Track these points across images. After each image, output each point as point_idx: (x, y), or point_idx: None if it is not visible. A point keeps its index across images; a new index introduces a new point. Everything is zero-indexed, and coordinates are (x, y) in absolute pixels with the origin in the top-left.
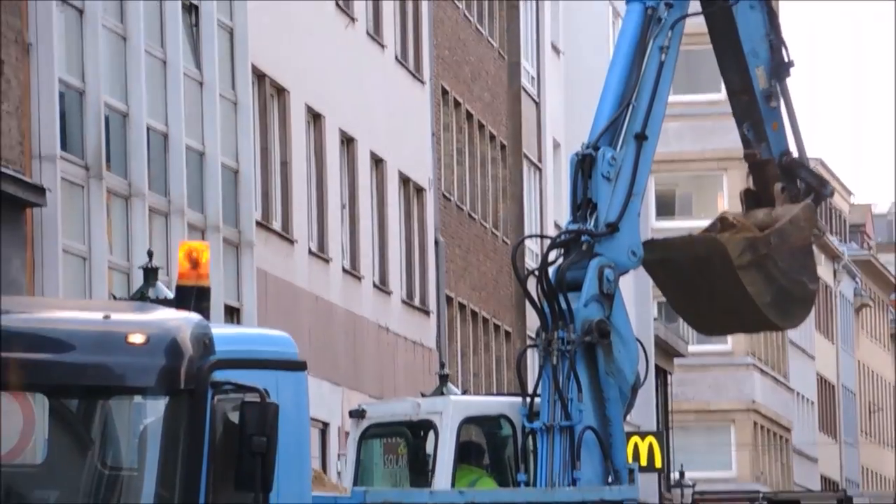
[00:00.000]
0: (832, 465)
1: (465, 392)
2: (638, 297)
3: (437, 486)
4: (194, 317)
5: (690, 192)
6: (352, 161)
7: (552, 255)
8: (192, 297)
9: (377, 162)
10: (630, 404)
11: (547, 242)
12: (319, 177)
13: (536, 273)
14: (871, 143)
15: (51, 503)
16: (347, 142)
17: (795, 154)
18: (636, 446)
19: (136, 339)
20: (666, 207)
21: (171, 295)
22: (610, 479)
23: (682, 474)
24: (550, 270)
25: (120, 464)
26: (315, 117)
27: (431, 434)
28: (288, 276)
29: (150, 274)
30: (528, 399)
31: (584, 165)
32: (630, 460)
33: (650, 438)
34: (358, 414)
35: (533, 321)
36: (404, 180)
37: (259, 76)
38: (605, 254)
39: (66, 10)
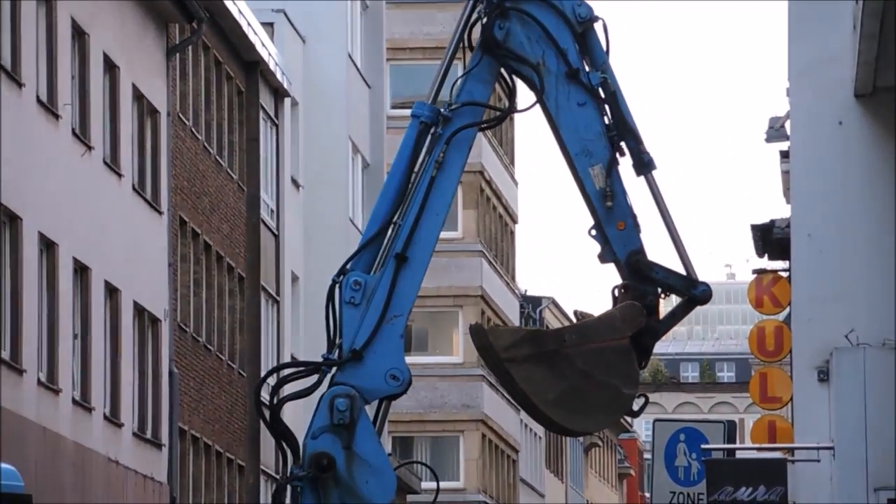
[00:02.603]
0: None
1: None
2: None
3: None
4: None
5: (426, 327)
6: (85, 290)
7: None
8: None
9: (111, 291)
10: None
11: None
12: (51, 306)
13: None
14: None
15: None
16: (81, 270)
17: (674, 252)
18: None
19: None
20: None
21: None
22: None
23: None
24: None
25: None
26: (48, 245)
27: None
28: (15, 407)
29: None
30: None
31: (332, 292)
32: None
33: None
34: None
35: (266, 455)
36: (139, 311)
37: None
38: (350, 381)
39: None
